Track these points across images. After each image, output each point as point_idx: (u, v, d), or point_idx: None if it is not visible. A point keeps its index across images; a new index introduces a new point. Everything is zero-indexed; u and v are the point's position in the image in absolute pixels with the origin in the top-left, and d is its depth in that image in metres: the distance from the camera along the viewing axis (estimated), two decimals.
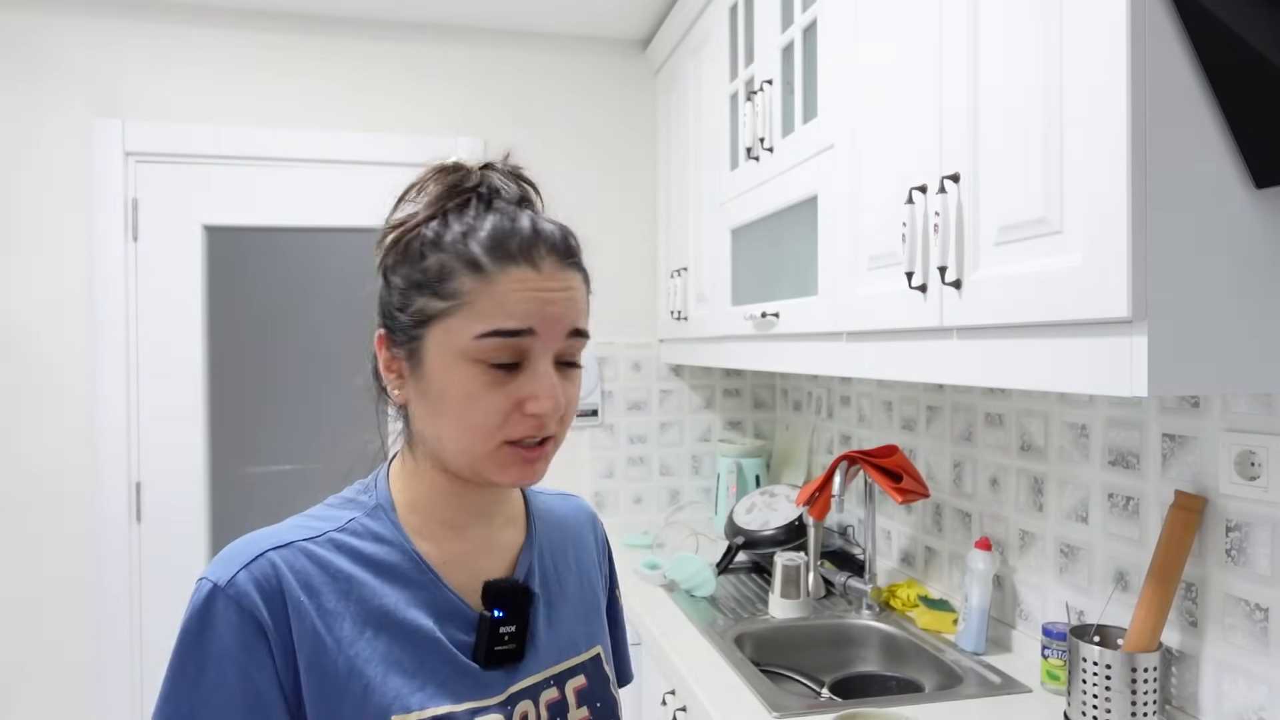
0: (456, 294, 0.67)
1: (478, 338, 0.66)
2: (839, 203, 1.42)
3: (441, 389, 0.68)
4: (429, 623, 0.70)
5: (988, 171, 1.03)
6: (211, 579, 0.66)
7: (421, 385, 0.70)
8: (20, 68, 2.24)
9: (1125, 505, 1.30)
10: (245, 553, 0.67)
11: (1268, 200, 0.83)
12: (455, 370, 0.67)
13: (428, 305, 0.68)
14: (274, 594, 0.66)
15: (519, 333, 0.66)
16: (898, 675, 1.62)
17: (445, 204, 0.71)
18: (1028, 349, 0.96)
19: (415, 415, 0.72)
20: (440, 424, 0.69)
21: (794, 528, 1.99)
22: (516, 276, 0.67)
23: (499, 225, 0.68)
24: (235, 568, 0.66)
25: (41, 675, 2.25)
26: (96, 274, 2.27)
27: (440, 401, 0.68)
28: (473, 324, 0.66)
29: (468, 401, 0.67)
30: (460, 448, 0.69)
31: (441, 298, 0.67)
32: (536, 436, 0.68)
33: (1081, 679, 1.17)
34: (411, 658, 0.68)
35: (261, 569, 0.66)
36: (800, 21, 1.59)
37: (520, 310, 0.66)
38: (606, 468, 2.64)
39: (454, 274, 0.67)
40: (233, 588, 0.65)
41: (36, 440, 2.25)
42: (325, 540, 0.70)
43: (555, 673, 0.77)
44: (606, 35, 2.62)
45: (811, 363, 1.55)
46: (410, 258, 0.70)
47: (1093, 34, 0.85)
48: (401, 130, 2.49)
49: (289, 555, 0.68)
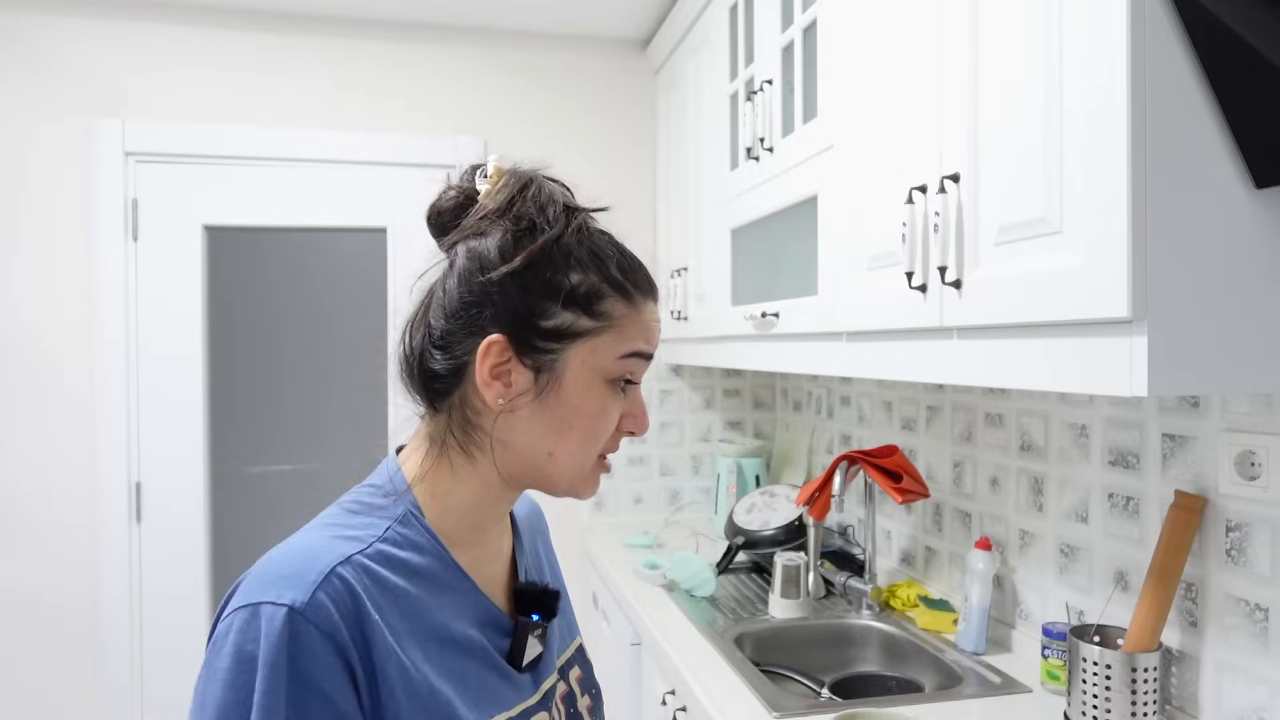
0: (608, 316, 0.70)
1: (622, 358, 0.71)
2: (839, 203, 1.42)
3: (577, 404, 0.70)
4: (475, 632, 0.70)
5: (988, 171, 1.03)
6: (280, 601, 0.59)
7: (549, 399, 0.69)
8: (20, 68, 2.24)
9: (1125, 505, 1.30)
10: (312, 569, 0.61)
11: (1268, 200, 0.83)
12: (593, 387, 0.70)
13: (576, 322, 0.69)
14: (352, 616, 0.61)
15: (650, 355, 0.73)
16: (898, 675, 1.62)
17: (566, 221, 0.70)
18: (1028, 349, 0.96)
19: (522, 426, 0.70)
20: (560, 439, 0.70)
21: (794, 528, 1.99)
22: (651, 309, 0.74)
23: (627, 257, 0.74)
24: (310, 588, 0.60)
25: (41, 675, 2.25)
26: (96, 274, 2.27)
27: (573, 416, 0.70)
28: (620, 345, 0.71)
29: (599, 417, 0.71)
30: (573, 462, 0.71)
31: (593, 317, 0.70)
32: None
33: (1081, 679, 1.17)
34: (468, 670, 0.68)
35: (336, 588, 0.61)
36: (800, 21, 1.59)
37: (653, 337, 0.74)
38: None
39: (605, 297, 0.70)
40: (314, 611, 0.59)
41: (36, 440, 2.25)
42: (374, 553, 0.65)
43: (561, 664, 0.80)
44: (606, 35, 2.62)
45: (811, 363, 1.55)
46: (550, 270, 0.69)
47: (1093, 34, 0.85)
48: (401, 130, 2.49)
49: (355, 572, 0.63)
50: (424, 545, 0.69)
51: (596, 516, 2.62)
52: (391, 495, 0.70)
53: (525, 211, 0.70)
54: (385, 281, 2.50)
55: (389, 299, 2.50)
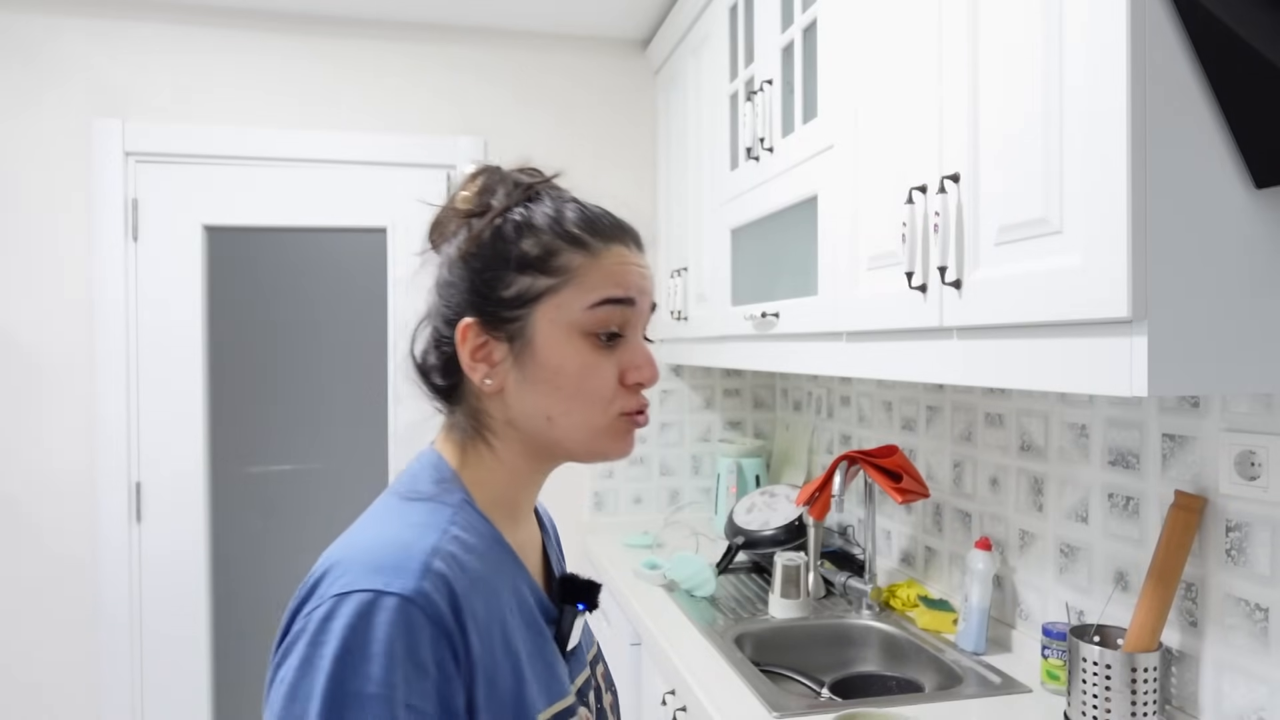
0: (565, 269, 0.70)
1: (590, 308, 0.69)
2: (839, 203, 1.42)
3: (557, 364, 0.69)
4: (537, 614, 0.71)
5: (988, 171, 1.03)
6: (389, 589, 0.59)
7: (528, 365, 0.70)
8: (20, 68, 2.24)
9: (1125, 505, 1.30)
10: (413, 559, 0.61)
11: (1268, 200, 0.83)
12: (569, 343, 0.69)
13: (534, 284, 0.70)
14: (450, 604, 0.61)
15: (625, 301, 0.71)
16: (898, 675, 1.62)
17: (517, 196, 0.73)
18: (1028, 349, 0.96)
19: (514, 399, 0.71)
20: (553, 401, 0.70)
21: (794, 528, 1.99)
22: (617, 252, 0.72)
23: (585, 210, 0.73)
24: (417, 577, 0.60)
25: (41, 674, 2.25)
26: (96, 274, 2.27)
27: (556, 377, 0.69)
28: (584, 295, 0.69)
29: (586, 372, 0.69)
30: (578, 422, 0.70)
31: (549, 274, 0.70)
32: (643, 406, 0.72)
33: (1081, 679, 1.17)
34: (535, 655, 0.69)
35: (436, 580, 0.61)
36: (800, 21, 1.59)
37: (625, 281, 0.71)
38: (606, 468, 2.64)
39: (560, 252, 0.70)
40: (424, 599, 0.59)
41: (36, 440, 2.25)
42: (452, 539, 0.66)
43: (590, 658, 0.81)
44: (606, 35, 2.62)
45: (811, 363, 1.55)
46: (500, 242, 0.71)
47: (1093, 34, 0.85)
48: (402, 130, 2.49)
49: (444, 561, 0.63)
50: (484, 531, 0.70)
51: (596, 516, 2.62)
52: (443, 483, 0.71)
53: (480, 202, 0.73)
54: (385, 281, 2.50)
55: (389, 299, 2.50)
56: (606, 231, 0.72)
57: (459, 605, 0.62)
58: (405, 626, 0.58)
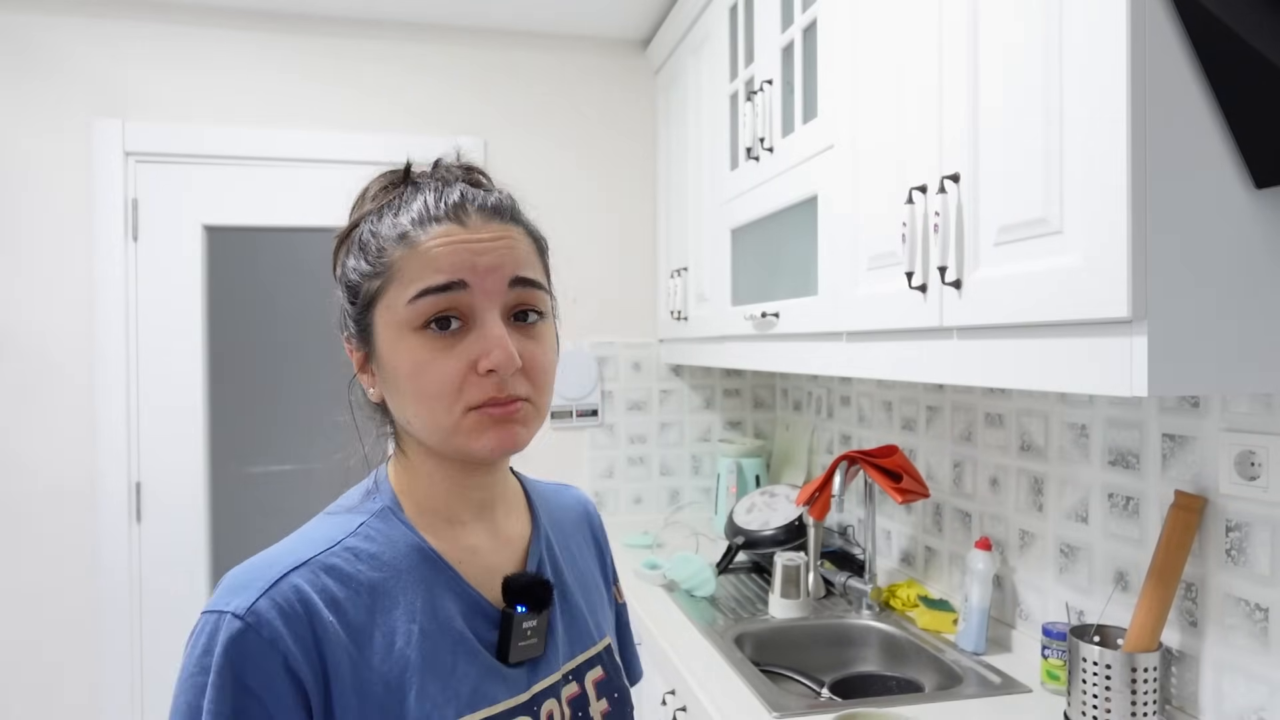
0: (389, 267, 0.66)
1: (410, 301, 0.65)
2: (839, 203, 1.42)
3: (394, 366, 0.66)
4: (457, 622, 0.68)
5: (988, 171, 1.03)
6: (227, 609, 0.60)
7: (381, 371, 0.69)
8: (20, 68, 2.24)
9: (1125, 505, 1.30)
10: (262, 577, 0.62)
11: (1268, 200, 0.83)
12: (401, 343, 0.66)
13: (369, 287, 0.68)
14: (301, 621, 0.60)
15: (449, 287, 0.64)
16: (898, 675, 1.62)
17: (385, 199, 0.71)
18: (1028, 349, 0.96)
19: (390, 405, 0.70)
20: (404, 403, 0.67)
21: (794, 528, 1.99)
22: (440, 234, 0.66)
23: (427, 197, 0.68)
24: (253, 594, 0.60)
25: (41, 674, 2.25)
26: (96, 274, 2.27)
27: (395, 379, 0.67)
28: (405, 290, 0.65)
29: (417, 371, 0.65)
30: (427, 423, 0.66)
31: (378, 275, 0.67)
32: (499, 397, 0.65)
33: (1081, 679, 1.17)
34: (444, 663, 0.66)
35: (284, 594, 0.61)
36: (800, 21, 1.59)
37: (447, 264, 0.65)
38: (606, 468, 2.64)
39: (386, 250, 0.67)
40: (253, 616, 0.59)
41: (37, 440, 2.25)
42: (341, 549, 0.66)
43: (573, 666, 0.76)
44: (606, 35, 2.62)
45: (811, 363, 1.55)
46: (354, 253, 0.70)
47: (1093, 34, 0.85)
48: (402, 130, 2.49)
49: (309, 575, 0.63)
50: (398, 538, 0.68)
51: None
52: (374, 494, 0.72)
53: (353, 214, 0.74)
54: None
55: None
56: (433, 214, 0.67)
57: (315, 621, 0.61)
58: (232, 644, 0.59)
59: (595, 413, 2.62)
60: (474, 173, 0.75)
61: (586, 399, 2.61)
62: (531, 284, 0.68)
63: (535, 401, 0.68)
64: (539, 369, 0.68)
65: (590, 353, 2.61)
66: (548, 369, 0.69)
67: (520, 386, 0.66)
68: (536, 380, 0.68)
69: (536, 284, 0.69)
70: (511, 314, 0.67)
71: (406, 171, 0.73)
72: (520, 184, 0.75)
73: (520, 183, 0.75)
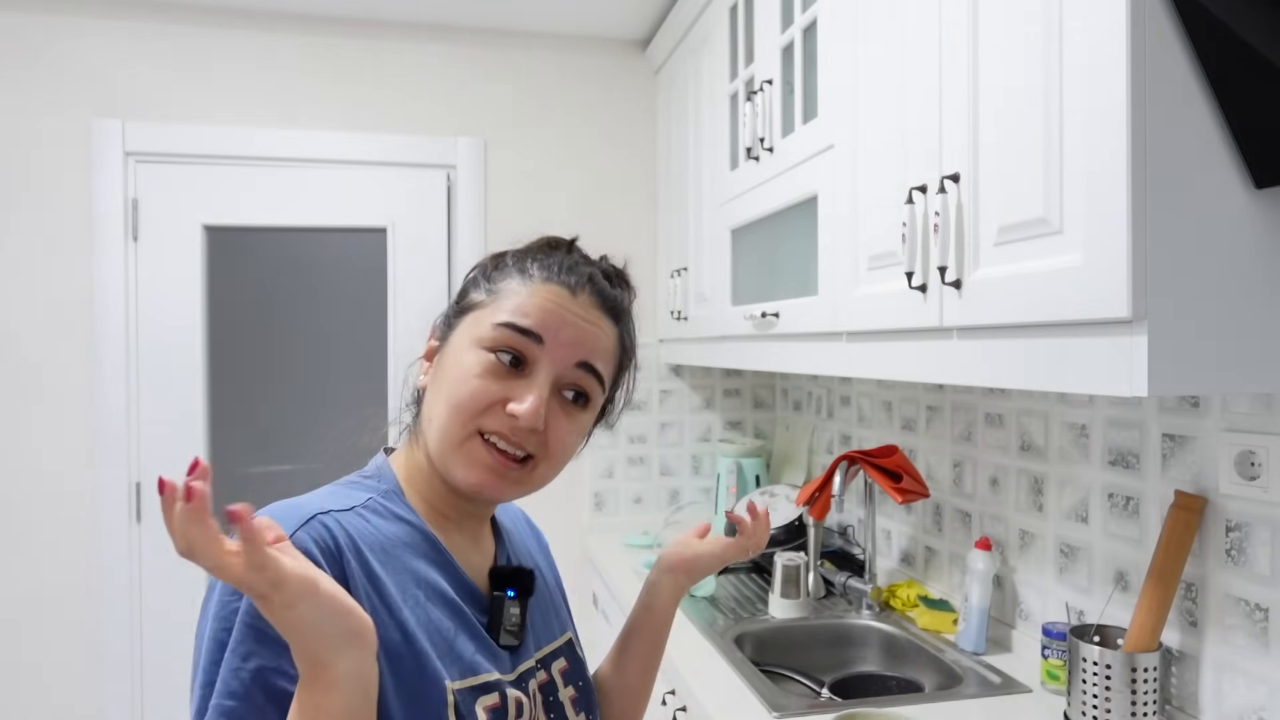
0: (498, 291, 0.74)
1: (495, 325, 0.71)
2: (839, 203, 1.42)
3: (450, 365, 0.72)
4: (453, 596, 0.72)
5: (988, 171, 1.03)
6: None
7: (439, 365, 0.74)
8: (20, 68, 2.24)
9: (1125, 505, 1.30)
10: (295, 515, 0.65)
11: (1268, 200, 0.83)
12: (466, 353, 0.72)
13: (474, 298, 0.75)
14: (332, 554, 0.64)
15: (527, 332, 0.71)
16: (898, 675, 1.62)
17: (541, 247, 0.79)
18: (1028, 349, 0.96)
19: (425, 397, 0.75)
20: (436, 400, 0.72)
21: (794, 528, 1.99)
22: (550, 291, 0.73)
23: (565, 260, 0.76)
24: (291, 526, 0.63)
25: (41, 674, 2.25)
26: (96, 274, 2.27)
27: (441, 378, 0.73)
28: (495, 314, 0.72)
29: (462, 380, 0.70)
30: (442, 428, 0.71)
31: (487, 293, 0.75)
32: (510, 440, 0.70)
33: (1081, 679, 1.17)
34: (449, 628, 0.69)
35: (317, 530, 0.64)
36: (800, 21, 1.58)
37: (538, 316, 0.71)
38: (606, 468, 2.64)
39: (506, 277, 0.75)
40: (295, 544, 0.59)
41: (37, 440, 2.25)
42: (356, 513, 0.69)
43: (541, 656, 0.81)
44: (606, 35, 2.62)
45: (811, 363, 1.55)
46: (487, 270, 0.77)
47: (1093, 34, 0.85)
48: (401, 130, 2.49)
49: (333, 522, 0.66)
50: (406, 517, 0.72)
51: (596, 517, 2.62)
52: (378, 478, 0.76)
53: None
54: (385, 281, 2.50)
55: (389, 299, 2.50)
56: (557, 274, 0.74)
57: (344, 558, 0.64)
58: None
59: None
60: (619, 278, 0.82)
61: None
62: (594, 372, 0.74)
63: (539, 467, 0.72)
64: (557, 442, 0.73)
65: None
66: (566, 448, 0.74)
67: (532, 445, 0.71)
68: (551, 450, 0.72)
69: (598, 375, 0.75)
70: (563, 389, 0.73)
71: (571, 242, 0.81)
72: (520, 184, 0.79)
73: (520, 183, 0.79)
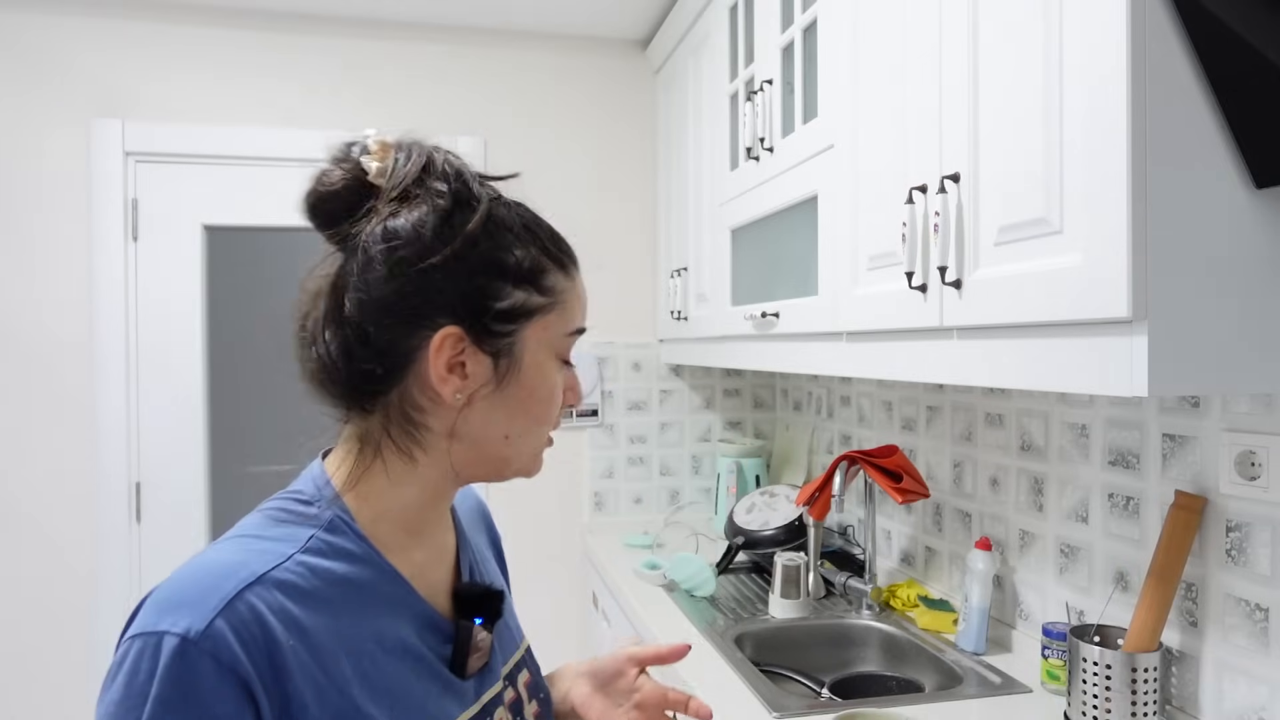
0: (554, 291, 0.68)
1: (569, 334, 0.70)
2: (839, 203, 1.42)
3: (535, 385, 0.68)
4: (414, 640, 0.65)
5: (988, 171, 1.03)
6: (176, 631, 0.53)
7: (510, 384, 0.66)
8: (20, 68, 2.24)
9: (1125, 505, 1.30)
10: (215, 594, 0.55)
11: (1268, 200, 0.83)
12: (547, 366, 0.68)
13: (529, 300, 0.66)
14: (259, 644, 0.55)
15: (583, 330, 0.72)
16: (898, 675, 1.62)
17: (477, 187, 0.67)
18: (1028, 349, 0.96)
19: (477, 415, 0.65)
20: (519, 421, 0.68)
21: (794, 528, 1.99)
22: (580, 281, 0.72)
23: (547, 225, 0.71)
24: (208, 614, 0.54)
25: (40, 675, 2.24)
26: (96, 274, 2.27)
27: (531, 398, 0.68)
28: (566, 322, 0.69)
29: (553, 397, 0.69)
30: (531, 442, 0.70)
31: (542, 294, 0.67)
32: None
33: (1082, 679, 1.17)
34: (406, 684, 0.63)
35: (240, 615, 0.55)
36: (800, 21, 1.58)
37: (583, 309, 0.72)
38: (606, 468, 2.64)
39: (548, 270, 0.68)
40: (209, 641, 0.53)
41: (36, 440, 2.25)
42: (296, 564, 0.60)
43: (506, 671, 0.75)
44: (606, 35, 2.62)
45: (811, 363, 1.55)
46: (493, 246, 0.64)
47: (1093, 33, 0.85)
48: (401, 130, 2.49)
49: (264, 593, 0.57)
50: (355, 552, 0.64)
51: (596, 517, 2.62)
52: (319, 502, 0.65)
53: (444, 187, 0.65)
54: None
55: None
56: (571, 254, 0.72)
57: (273, 645, 0.56)
58: (184, 670, 0.53)
59: (595, 413, 2.62)
60: None
61: (586, 399, 2.61)
62: None
63: None
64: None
65: (590, 353, 2.61)
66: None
67: None
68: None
69: None
70: None
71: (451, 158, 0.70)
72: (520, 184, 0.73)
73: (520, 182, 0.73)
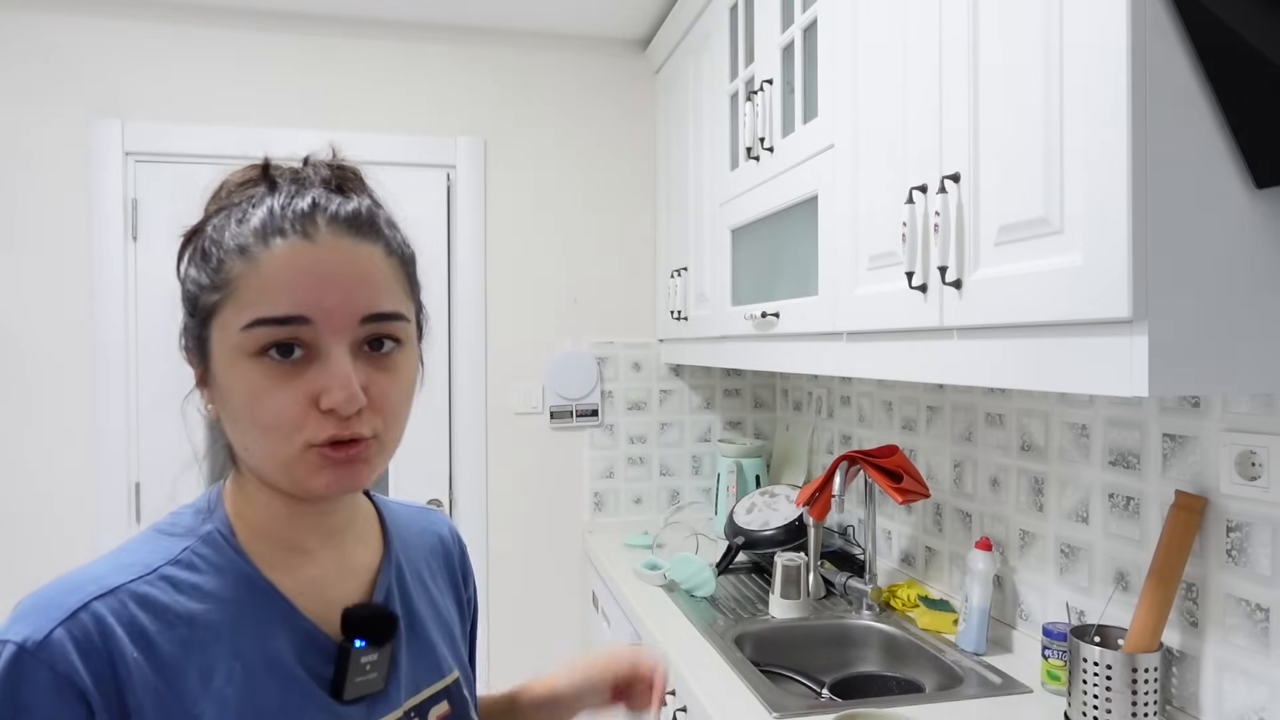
0: (226, 282, 0.59)
1: (244, 329, 0.58)
2: (839, 203, 1.42)
3: (228, 391, 0.60)
4: (287, 658, 0.62)
5: (988, 171, 1.03)
6: (15, 639, 0.53)
7: (217, 391, 0.62)
8: (20, 68, 2.24)
9: (1126, 505, 1.30)
10: (60, 604, 0.55)
11: (1268, 200, 0.83)
12: (236, 368, 0.59)
13: (206, 300, 0.60)
14: (100, 656, 0.54)
15: (287, 321, 0.58)
16: (898, 675, 1.62)
17: (236, 198, 0.63)
18: (1028, 349, 0.96)
19: (224, 427, 0.63)
20: (238, 430, 0.61)
21: (794, 528, 1.99)
22: (284, 251, 0.58)
23: (275, 202, 0.61)
24: (48, 624, 0.54)
25: None
26: (96, 274, 2.27)
27: (229, 405, 0.61)
28: (240, 314, 0.58)
29: (253, 401, 0.58)
30: (265, 454, 0.60)
31: (216, 289, 0.60)
32: (342, 434, 0.59)
33: (1082, 679, 1.17)
34: (268, 702, 0.60)
35: (82, 625, 0.55)
36: (800, 21, 1.58)
37: (288, 294, 0.58)
38: (606, 468, 2.64)
39: (225, 261, 0.59)
40: (45, 650, 0.53)
41: (36, 440, 2.25)
42: (157, 578, 0.59)
43: (418, 702, 0.71)
44: (606, 35, 2.62)
45: (811, 363, 1.55)
46: (195, 260, 0.62)
47: (1093, 33, 0.85)
48: (401, 130, 2.49)
49: (115, 604, 0.57)
50: (227, 567, 0.62)
51: (596, 517, 2.62)
52: (205, 516, 0.65)
53: (206, 209, 0.66)
54: None
55: None
56: (277, 224, 0.59)
57: (115, 656, 0.55)
58: (16, 677, 0.53)
59: (595, 413, 2.62)
60: (343, 173, 0.68)
61: (586, 399, 2.61)
62: (386, 315, 0.61)
63: (382, 437, 0.62)
64: (388, 403, 0.62)
65: (590, 353, 2.61)
66: (399, 402, 0.63)
67: (365, 424, 0.60)
68: (385, 414, 0.62)
69: (394, 316, 0.62)
70: (363, 345, 0.61)
71: (265, 168, 0.65)
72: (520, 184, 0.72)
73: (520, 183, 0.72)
